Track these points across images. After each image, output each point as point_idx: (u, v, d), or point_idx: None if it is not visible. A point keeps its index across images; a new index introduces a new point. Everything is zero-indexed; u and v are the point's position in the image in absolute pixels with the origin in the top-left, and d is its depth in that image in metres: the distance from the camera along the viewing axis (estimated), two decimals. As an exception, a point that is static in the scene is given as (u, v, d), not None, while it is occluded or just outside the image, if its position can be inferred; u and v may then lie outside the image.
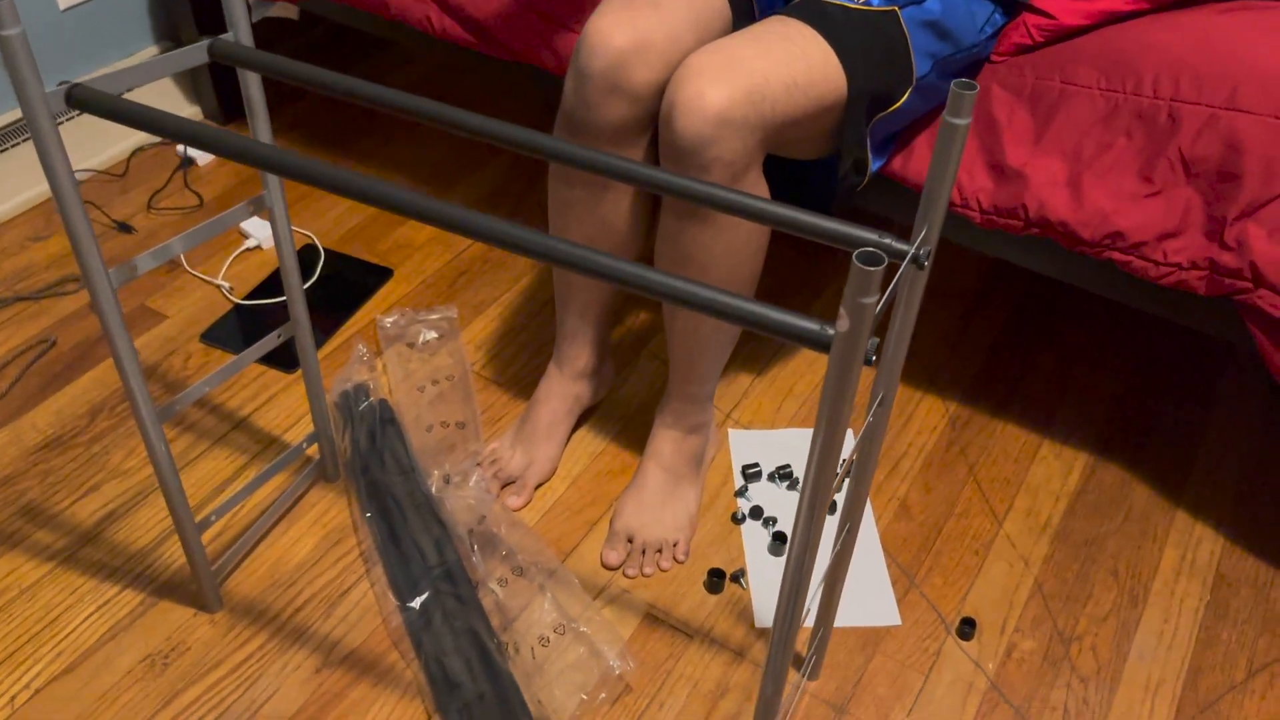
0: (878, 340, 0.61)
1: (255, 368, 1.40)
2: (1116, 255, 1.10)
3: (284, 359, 1.41)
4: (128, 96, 1.81)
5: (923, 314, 1.54)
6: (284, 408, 1.35)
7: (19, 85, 0.73)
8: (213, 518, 1.08)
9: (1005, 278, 1.62)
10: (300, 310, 1.09)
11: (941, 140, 0.69)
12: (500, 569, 1.16)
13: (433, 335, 1.45)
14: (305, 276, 1.54)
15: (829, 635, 1.07)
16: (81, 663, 1.07)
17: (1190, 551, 1.24)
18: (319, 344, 1.45)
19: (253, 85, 0.93)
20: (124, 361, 0.90)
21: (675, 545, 1.19)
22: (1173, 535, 1.26)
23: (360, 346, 1.40)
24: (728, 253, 1.04)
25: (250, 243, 1.59)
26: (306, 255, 1.59)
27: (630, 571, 1.17)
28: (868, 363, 0.59)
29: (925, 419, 1.39)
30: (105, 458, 1.28)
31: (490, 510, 1.21)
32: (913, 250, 0.69)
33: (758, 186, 1.04)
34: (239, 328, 1.46)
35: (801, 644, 1.13)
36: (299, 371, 1.40)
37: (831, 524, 1.24)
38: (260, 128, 0.95)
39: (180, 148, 1.77)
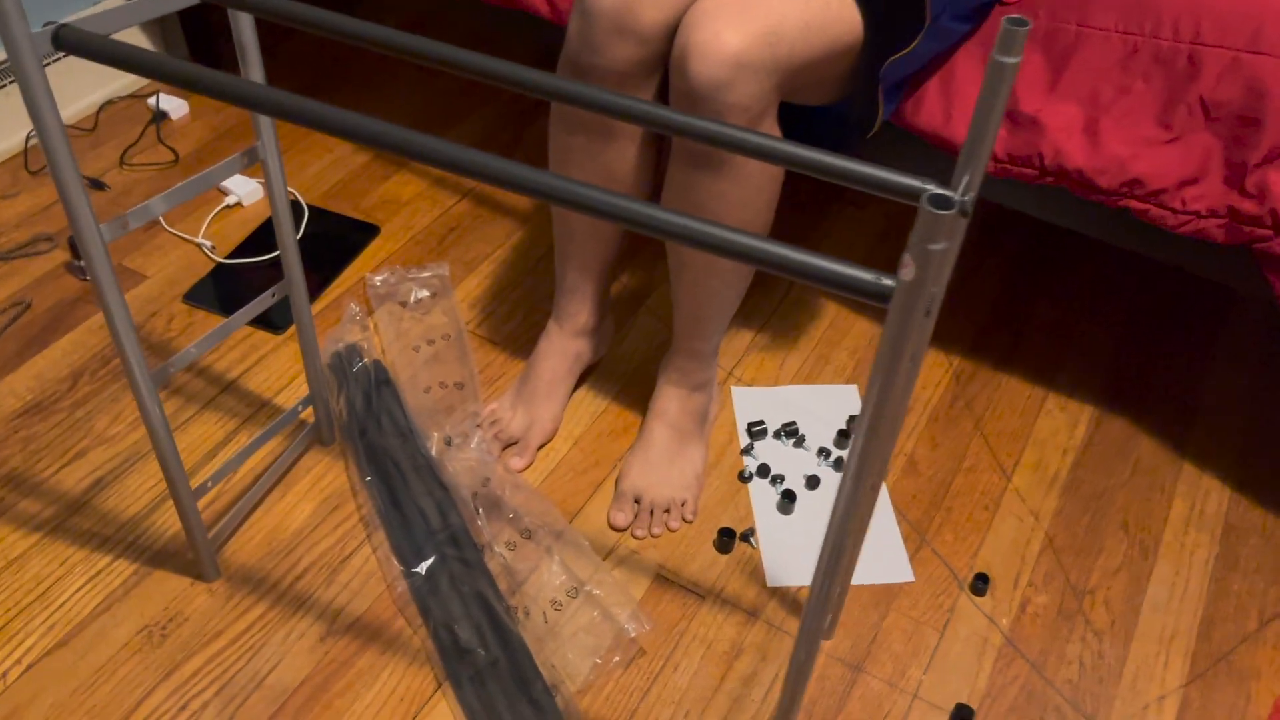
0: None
1: (242, 329, 1.36)
2: (1134, 203, 1.08)
3: (272, 319, 1.36)
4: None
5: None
6: (274, 369, 1.31)
7: (3, 26, 0.68)
8: (209, 484, 1.05)
9: (999, 229, 1.60)
10: (295, 268, 1.05)
11: (989, 79, 0.66)
12: (507, 532, 1.14)
13: (425, 293, 1.40)
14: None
15: (845, 594, 1.05)
16: (75, 635, 1.04)
17: (1198, 502, 1.23)
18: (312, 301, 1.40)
19: (245, 27, 0.88)
20: (118, 324, 0.86)
21: (684, 504, 1.17)
22: (1180, 487, 1.25)
23: (352, 306, 1.35)
24: (742, 203, 1.01)
25: (230, 199, 1.54)
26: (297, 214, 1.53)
27: (639, 532, 1.15)
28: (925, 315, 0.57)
29: (929, 374, 1.37)
30: (89, 423, 1.23)
31: (494, 473, 1.18)
32: (958, 195, 0.67)
33: (773, 133, 1.01)
34: (223, 287, 1.41)
35: (814, 602, 1.11)
36: (288, 332, 1.35)
37: (835, 478, 1.22)
38: (253, 71, 0.90)
39: (153, 101, 1.70)
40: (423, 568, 1.09)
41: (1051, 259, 1.55)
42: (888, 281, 0.56)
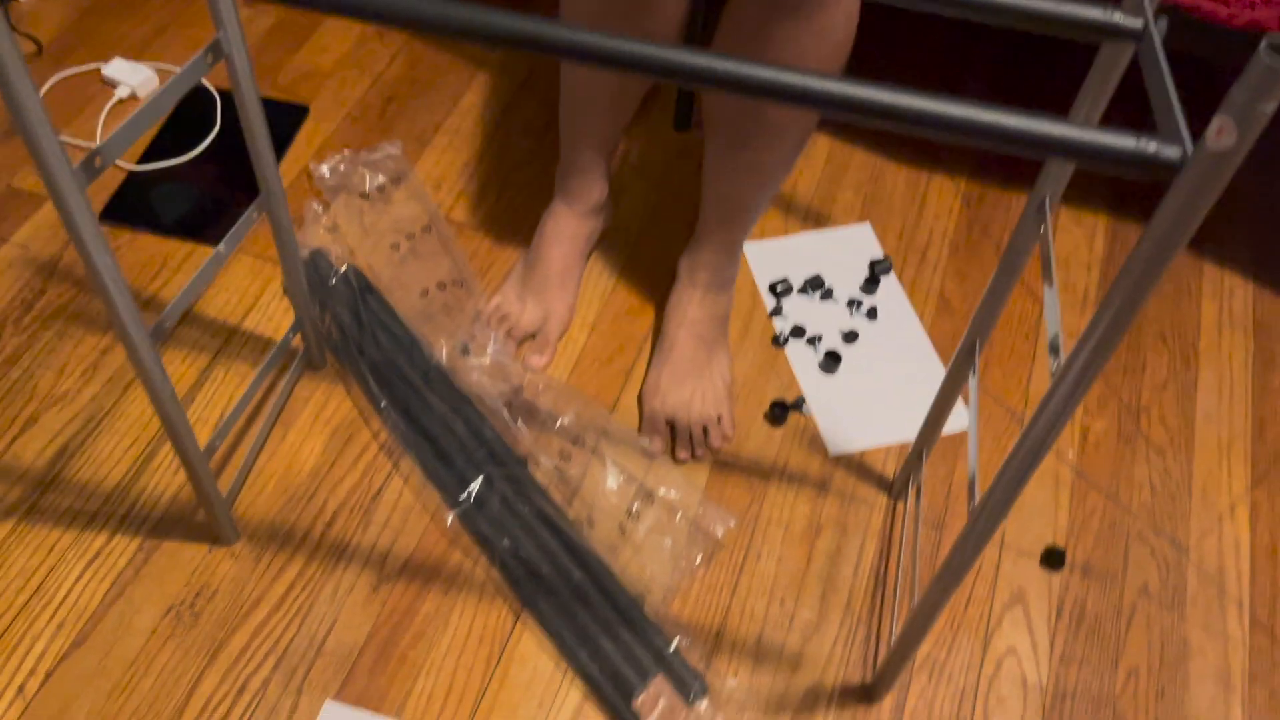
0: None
1: (178, 247, 1.17)
2: (1183, 1, 1.00)
3: (214, 233, 1.18)
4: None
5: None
6: (232, 291, 1.14)
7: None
8: (216, 441, 0.90)
9: (976, 40, 1.51)
10: (273, 179, 0.89)
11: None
12: (555, 442, 1.03)
13: (381, 179, 1.24)
14: (205, 128, 1.29)
15: (925, 457, 1.00)
16: (92, 631, 0.91)
17: (1225, 303, 1.22)
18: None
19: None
20: (101, 269, 0.69)
21: (720, 420, 1.06)
22: (1205, 289, 1.23)
23: (315, 205, 1.18)
24: (819, 54, 0.86)
25: (121, 92, 1.31)
26: (196, 102, 1.32)
27: (682, 456, 1.05)
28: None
29: (939, 202, 1.30)
30: (30, 383, 1.05)
31: (525, 378, 1.07)
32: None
33: None
34: (143, 199, 1.21)
35: (878, 462, 1.06)
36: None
37: (872, 329, 1.16)
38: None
39: (-10, -19, 1.42)
40: (470, 493, 0.98)
41: (1034, 61, 1.48)
42: (1169, 152, 0.47)
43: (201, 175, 1.24)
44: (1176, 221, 0.47)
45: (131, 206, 1.20)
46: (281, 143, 1.28)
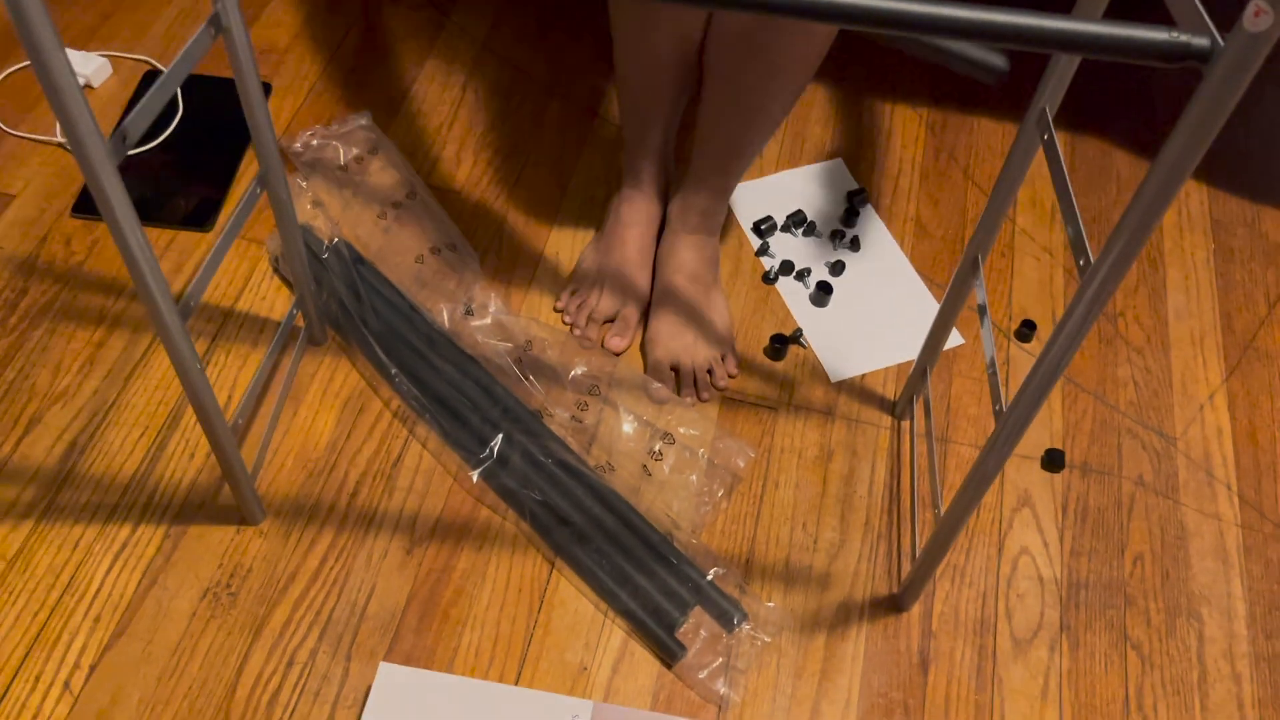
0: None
1: (158, 234, 1.16)
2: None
3: (194, 216, 1.17)
4: None
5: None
6: (223, 273, 1.13)
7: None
8: (239, 421, 0.90)
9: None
10: (273, 155, 0.88)
11: None
12: (566, 394, 1.05)
13: (356, 151, 1.23)
14: (168, 114, 1.26)
15: (929, 375, 1.04)
16: (131, 620, 0.90)
17: (1183, 205, 1.28)
18: (224, 191, 1.20)
19: None
20: (136, 252, 0.69)
21: (724, 359, 1.09)
22: (1164, 194, 1.29)
23: (299, 181, 1.17)
24: (801, 53, 0.88)
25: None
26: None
27: (690, 398, 1.08)
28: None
29: (904, 131, 1.33)
30: (28, 383, 1.04)
31: (532, 334, 1.08)
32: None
33: None
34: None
35: (878, 385, 1.10)
36: (217, 227, 1.16)
37: (856, 258, 1.19)
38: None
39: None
40: (492, 450, 1.00)
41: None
42: (1199, 42, 0.50)
43: (170, 161, 1.22)
44: (1209, 114, 0.50)
45: (103, 198, 1.18)
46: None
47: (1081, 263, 0.64)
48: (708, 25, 0.96)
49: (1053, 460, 1.05)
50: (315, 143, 1.23)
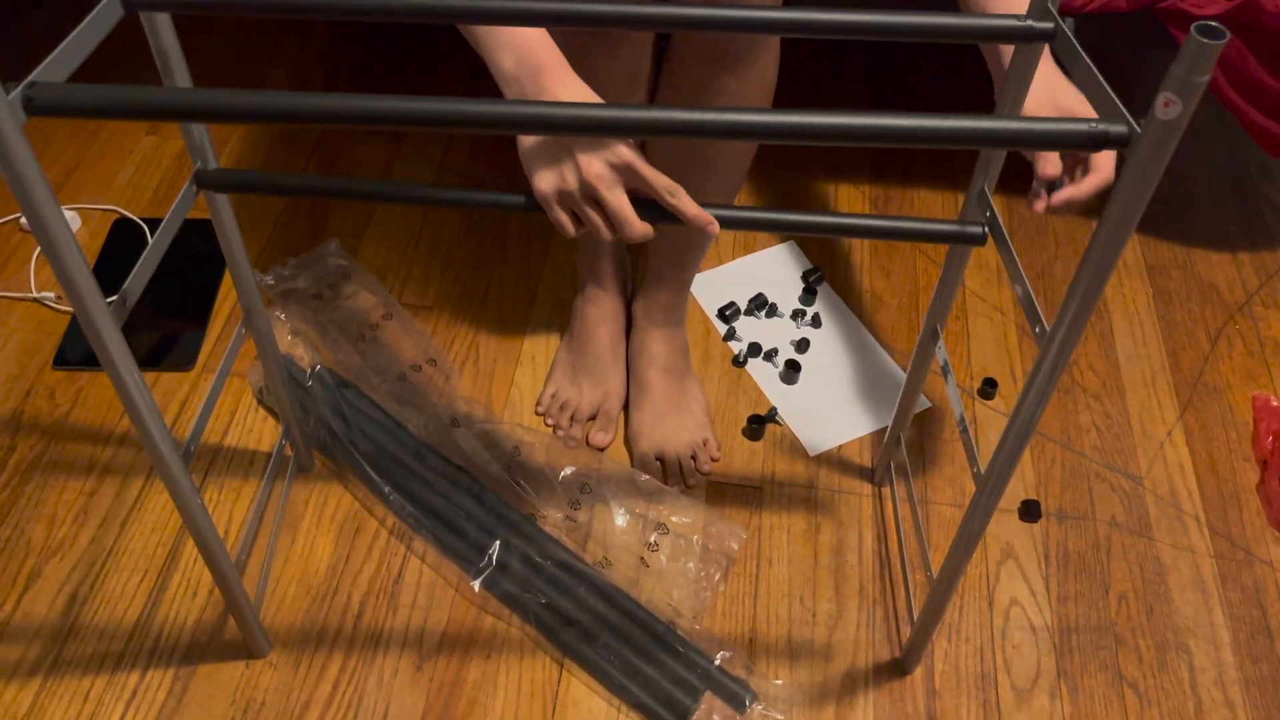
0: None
1: (145, 376, 1.18)
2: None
3: (174, 357, 1.19)
4: None
5: (787, 105, 1.52)
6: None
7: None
8: (243, 557, 0.92)
9: (849, 51, 1.62)
10: (253, 295, 0.91)
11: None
12: (558, 494, 1.08)
13: (329, 278, 1.27)
14: (134, 259, 1.29)
15: (903, 442, 1.08)
16: (149, 768, 0.91)
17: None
18: (203, 329, 1.23)
19: (164, 31, 0.73)
20: (140, 406, 0.72)
21: (705, 444, 1.12)
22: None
23: (277, 314, 1.20)
24: (758, 99, 0.94)
25: (46, 239, 1.31)
26: (123, 235, 1.33)
27: (677, 486, 1.10)
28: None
29: (850, 208, 1.40)
30: (23, 539, 1.05)
31: (518, 439, 1.11)
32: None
33: None
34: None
35: (854, 454, 1.14)
36: (198, 367, 1.19)
37: (819, 334, 1.24)
38: (180, 81, 0.75)
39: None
40: (491, 558, 1.02)
41: (902, 59, 1.60)
42: (1117, 130, 0.56)
43: (145, 305, 1.24)
44: (1136, 189, 0.56)
45: (85, 348, 1.20)
46: (218, 261, 1.30)
47: (1037, 330, 0.69)
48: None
49: (1029, 510, 1.09)
50: (287, 274, 1.26)
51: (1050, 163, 0.82)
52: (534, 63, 0.72)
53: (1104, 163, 0.82)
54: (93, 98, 0.57)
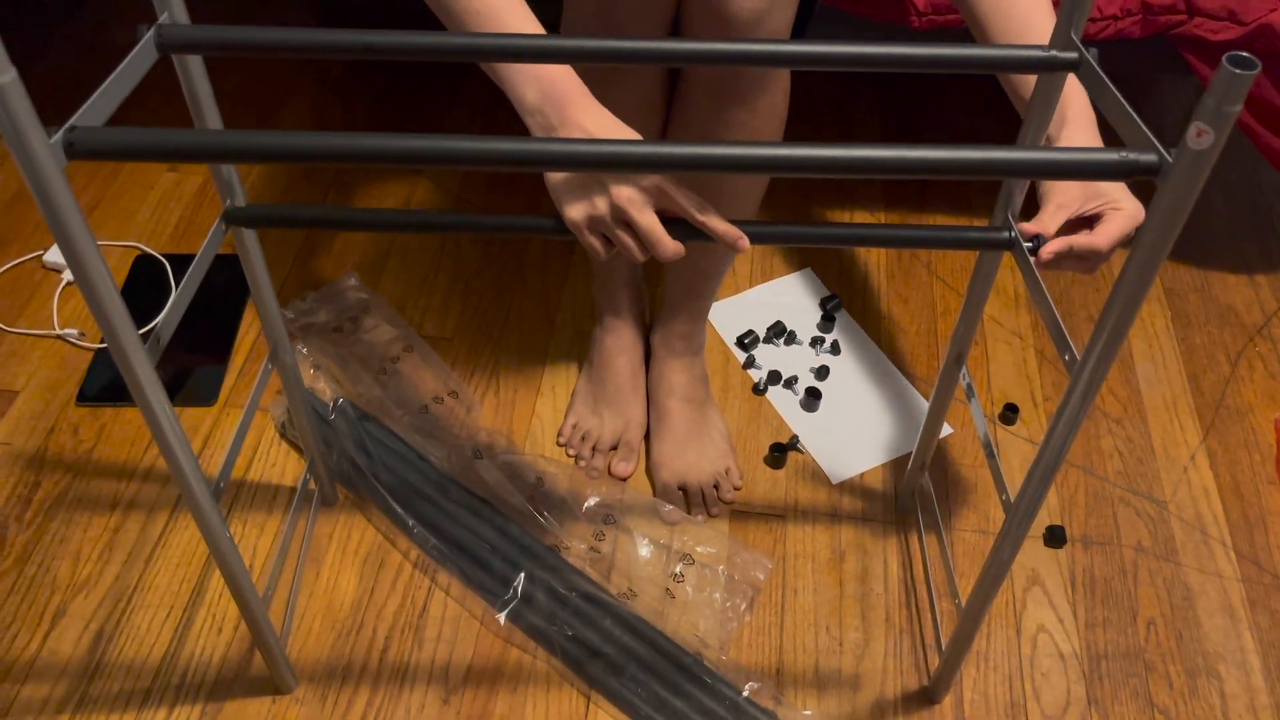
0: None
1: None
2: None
3: (195, 392, 1.20)
4: None
5: (801, 135, 1.53)
6: (226, 445, 1.15)
7: (16, 138, 0.54)
8: (270, 592, 0.92)
9: (862, 83, 1.63)
10: (279, 330, 0.92)
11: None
12: (581, 525, 1.08)
13: (350, 311, 1.28)
14: (156, 294, 1.30)
15: (926, 469, 1.08)
16: (176, 807, 0.90)
17: (1137, 279, 1.35)
18: (224, 363, 1.24)
19: (196, 73, 0.74)
20: (173, 443, 0.72)
21: (728, 473, 1.13)
22: (1116, 269, 1.36)
23: (299, 348, 1.21)
24: (769, 132, 0.95)
25: (68, 276, 1.32)
26: (145, 270, 1.34)
27: (700, 516, 1.11)
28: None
29: (866, 236, 1.40)
30: (49, 576, 1.05)
31: (541, 470, 1.11)
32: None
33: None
34: (118, 374, 1.22)
35: (877, 481, 1.14)
36: (219, 402, 1.19)
37: (839, 361, 1.24)
38: (210, 119, 0.76)
39: (-96, 190, 1.41)
40: (516, 590, 1.02)
41: (919, 94, 1.61)
42: (1147, 159, 0.56)
43: (173, 339, 1.25)
44: (1168, 219, 0.56)
45: (107, 383, 1.21)
46: (239, 296, 1.31)
47: (1066, 358, 0.69)
48: None
49: (1055, 536, 1.08)
50: (308, 308, 1.27)
51: (1037, 221, 0.80)
52: (558, 94, 0.73)
53: (1117, 216, 0.82)
54: (132, 141, 0.57)
